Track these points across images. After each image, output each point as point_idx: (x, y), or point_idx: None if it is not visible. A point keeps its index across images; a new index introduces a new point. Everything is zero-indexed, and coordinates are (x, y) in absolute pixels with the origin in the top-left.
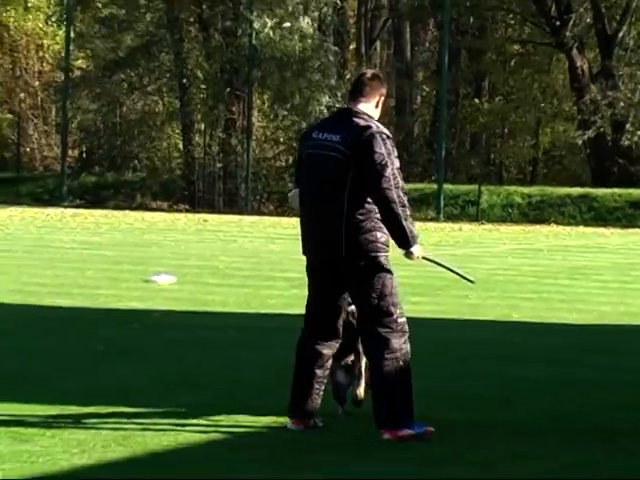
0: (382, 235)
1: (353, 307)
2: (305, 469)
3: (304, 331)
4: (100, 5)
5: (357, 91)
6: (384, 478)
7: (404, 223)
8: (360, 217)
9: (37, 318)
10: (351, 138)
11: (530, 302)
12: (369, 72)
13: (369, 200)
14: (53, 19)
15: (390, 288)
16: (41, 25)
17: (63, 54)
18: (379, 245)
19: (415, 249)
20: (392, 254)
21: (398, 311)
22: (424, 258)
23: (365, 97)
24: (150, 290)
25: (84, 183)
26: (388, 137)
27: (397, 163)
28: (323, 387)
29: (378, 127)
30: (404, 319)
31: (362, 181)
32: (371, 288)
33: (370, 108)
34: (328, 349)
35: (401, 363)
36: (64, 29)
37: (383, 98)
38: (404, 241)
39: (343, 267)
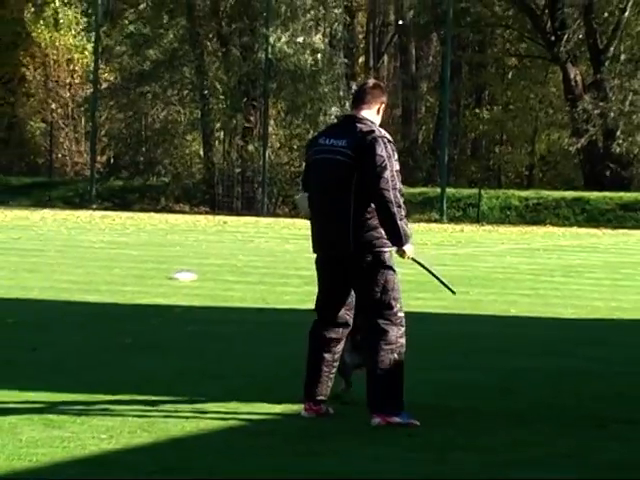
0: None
1: None
2: (318, 455)
3: (315, 321)
4: (127, 22)
5: (359, 99)
6: (392, 462)
7: (399, 222)
8: (366, 215)
9: (68, 313)
10: (356, 142)
11: (527, 298)
12: (370, 82)
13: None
14: (82, 35)
15: (392, 283)
16: (71, 40)
17: (92, 67)
18: (384, 241)
19: (407, 247)
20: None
21: (398, 305)
22: (414, 260)
23: (367, 104)
24: (173, 287)
25: (112, 187)
26: (389, 141)
27: (397, 166)
28: (333, 371)
29: (380, 132)
30: (403, 314)
31: (364, 181)
32: (375, 282)
33: (372, 115)
34: (336, 335)
35: (396, 355)
36: (93, 44)
37: (384, 105)
38: (397, 239)
39: (350, 262)
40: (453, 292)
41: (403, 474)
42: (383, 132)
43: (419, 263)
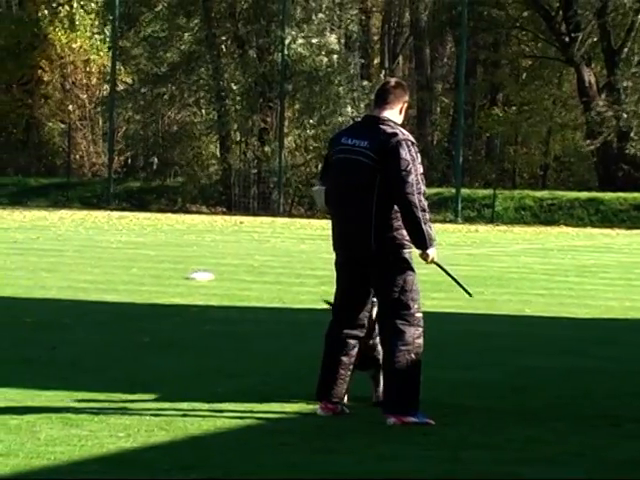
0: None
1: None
2: (334, 453)
3: (332, 321)
4: (144, 24)
5: (382, 99)
6: (407, 460)
7: (423, 227)
8: (387, 217)
9: (86, 313)
10: (379, 144)
11: (542, 298)
12: (392, 80)
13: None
14: (98, 37)
15: (411, 284)
16: (88, 42)
17: (108, 69)
18: (404, 242)
19: (431, 251)
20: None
21: (416, 306)
22: (436, 263)
23: (389, 104)
24: (190, 286)
25: (129, 188)
26: (413, 144)
27: (420, 169)
28: (349, 373)
29: (404, 134)
30: (421, 315)
31: (388, 184)
32: (394, 283)
33: (394, 114)
34: (353, 337)
35: (413, 356)
36: (109, 45)
37: (406, 105)
38: (421, 243)
39: (370, 263)
40: (470, 294)
41: (417, 473)
42: (406, 134)
43: (440, 266)
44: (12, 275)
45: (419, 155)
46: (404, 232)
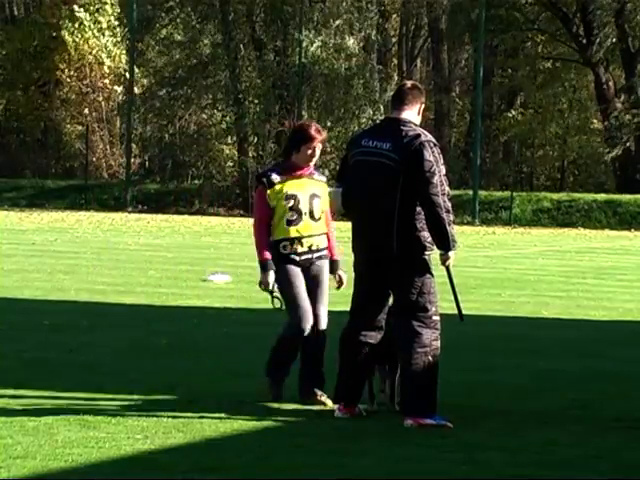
0: (429, 235)
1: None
2: (351, 454)
3: (349, 323)
4: (161, 27)
5: (400, 100)
6: (425, 462)
7: (447, 228)
8: (410, 218)
9: (104, 315)
10: (402, 146)
11: (559, 300)
12: (409, 83)
13: (417, 203)
14: (116, 39)
15: (429, 287)
16: (104, 43)
17: (127, 72)
18: (426, 244)
19: (452, 253)
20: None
21: (433, 309)
22: (448, 270)
23: (408, 105)
24: (207, 289)
25: (146, 190)
26: (435, 145)
27: (443, 170)
28: (365, 375)
29: (426, 136)
30: (438, 317)
31: (411, 186)
32: (412, 284)
33: (413, 115)
34: (372, 339)
35: (430, 358)
36: (127, 48)
37: (423, 106)
38: (445, 244)
39: (391, 264)
40: (462, 319)
41: (435, 475)
42: (429, 136)
43: (450, 276)
44: (30, 277)
45: (441, 156)
46: (426, 234)
